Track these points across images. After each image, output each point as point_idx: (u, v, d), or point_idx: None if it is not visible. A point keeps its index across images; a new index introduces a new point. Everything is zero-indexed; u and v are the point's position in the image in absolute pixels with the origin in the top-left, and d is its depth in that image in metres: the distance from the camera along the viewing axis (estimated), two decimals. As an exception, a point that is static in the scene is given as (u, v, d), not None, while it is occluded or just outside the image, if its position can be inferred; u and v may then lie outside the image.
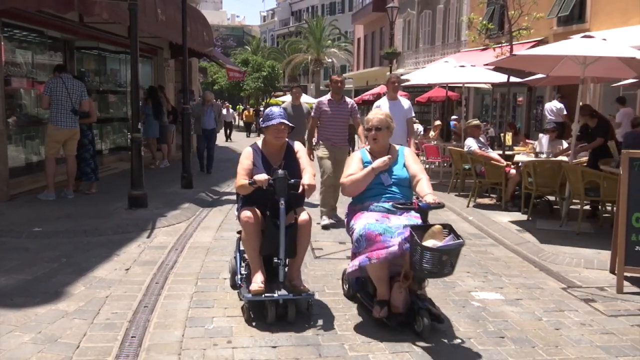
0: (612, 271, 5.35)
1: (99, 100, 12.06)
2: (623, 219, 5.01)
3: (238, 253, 4.62)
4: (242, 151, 4.41)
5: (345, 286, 4.60)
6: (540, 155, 8.88)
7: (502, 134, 11.12)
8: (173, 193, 9.19)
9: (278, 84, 43.71)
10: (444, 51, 24.51)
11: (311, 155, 7.31)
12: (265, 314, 3.98)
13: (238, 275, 4.51)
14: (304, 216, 4.21)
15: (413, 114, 7.96)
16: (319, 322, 4.03)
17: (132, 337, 3.73)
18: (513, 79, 10.56)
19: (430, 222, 3.88)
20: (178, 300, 4.45)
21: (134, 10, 7.56)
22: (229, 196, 9.50)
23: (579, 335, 4.00)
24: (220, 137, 21.42)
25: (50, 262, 5.36)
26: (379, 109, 6.47)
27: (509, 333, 4.00)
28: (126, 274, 5.10)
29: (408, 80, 15.22)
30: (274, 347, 3.64)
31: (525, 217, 7.79)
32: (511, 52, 10.87)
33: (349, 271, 4.09)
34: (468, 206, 8.69)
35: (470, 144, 8.91)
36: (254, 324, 3.97)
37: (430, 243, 3.59)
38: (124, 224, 6.90)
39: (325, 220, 7.21)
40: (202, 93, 13.00)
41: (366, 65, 37.68)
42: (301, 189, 4.10)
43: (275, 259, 4.04)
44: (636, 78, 8.77)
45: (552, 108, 13.17)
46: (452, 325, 4.09)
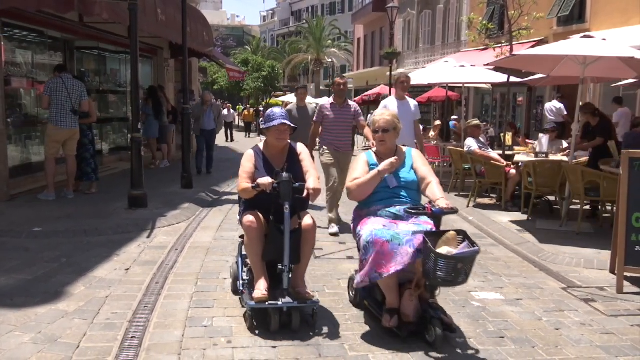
0: (612, 271, 5.35)
1: (99, 100, 12.06)
2: (623, 219, 5.01)
3: (240, 258, 4.49)
4: (244, 153, 4.34)
5: (352, 293, 4.45)
6: (540, 155, 8.88)
7: (502, 134, 11.12)
8: (173, 193, 9.20)
9: (278, 84, 43.75)
10: (444, 51, 24.52)
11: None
12: (268, 322, 3.85)
13: (240, 281, 4.35)
14: (308, 221, 4.07)
15: (420, 116, 7.73)
16: (319, 322, 4.02)
17: (132, 337, 3.73)
18: (513, 79, 10.57)
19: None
20: (178, 300, 4.45)
21: (134, 10, 7.56)
22: (229, 196, 9.50)
23: (579, 335, 4.00)
24: (220, 137, 21.47)
25: (50, 262, 5.36)
26: (385, 109, 6.26)
27: (509, 333, 4.00)
28: (126, 274, 5.10)
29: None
30: (274, 347, 3.64)
31: (525, 217, 7.79)
32: (511, 52, 10.87)
33: (357, 284, 3.90)
34: (468, 206, 8.69)
35: (470, 144, 8.91)
36: (255, 325, 3.92)
37: (444, 250, 3.46)
38: (124, 224, 6.90)
39: (334, 228, 6.99)
40: (202, 93, 12.94)
41: (366, 65, 37.72)
42: (306, 193, 3.98)
43: (279, 265, 3.91)
44: (636, 78, 8.78)
45: (552, 108, 13.19)
46: (452, 326, 4.09)
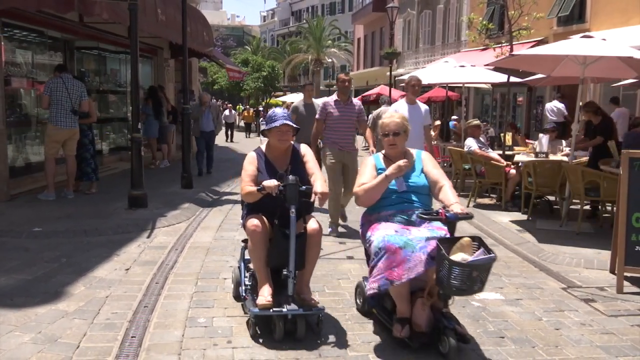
0: (612, 271, 5.35)
1: (99, 100, 12.06)
2: (623, 219, 5.01)
3: (242, 262, 4.37)
4: (244, 154, 4.30)
5: (359, 301, 4.29)
6: (540, 155, 8.89)
7: (502, 134, 11.12)
8: (173, 193, 9.20)
9: (278, 84, 43.73)
10: (444, 51, 24.53)
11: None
12: (272, 330, 3.73)
13: (242, 287, 4.22)
14: (313, 225, 3.93)
15: (430, 121, 7.40)
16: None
17: (132, 337, 3.73)
18: (513, 79, 10.57)
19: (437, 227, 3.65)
20: (178, 300, 4.45)
21: (134, 10, 7.56)
22: (229, 196, 9.51)
23: (579, 335, 4.00)
24: (221, 137, 21.43)
25: (50, 262, 5.36)
26: (395, 112, 6.11)
27: (509, 333, 4.00)
28: (126, 274, 5.10)
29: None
30: (274, 348, 3.64)
31: (525, 217, 7.79)
32: (511, 52, 10.87)
33: (368, 293, 3.71)
34: (468, 206, 8.68)
35: (470, 144, 8.91)
36: (258, 333, 3.81)
37: (459, 257, 3.31)
38: (124, 224, 6.90)
39: (332, 232, 6.84)
40: (199, 94, 12.90)
41: (366, 65, 37.73)
42: (313, 196, 3.84)
43: (283, 271, 3.78)
44: (636, 78, 8.77)
45: (553, 108, 13.19)
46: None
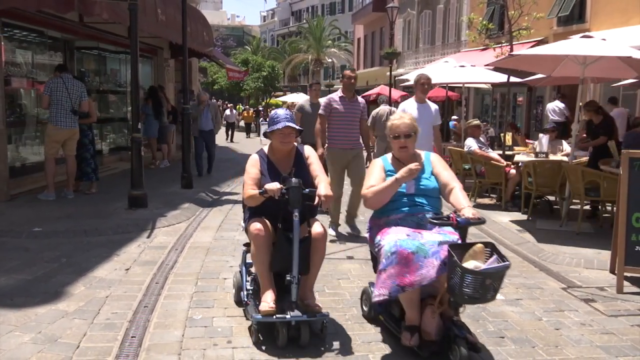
0: (612, 271, 5.35)
1: (99, 100, 12.06)
2: (623, 219, 5.01)
3: (244, 267, 4.29)
4: (244, 154, 4.28)
5: (365, 307, 4.17)
6: (540, 155, 8.89)
7: (502, 134, 11.12)
8: (173, 193, 9.20)
9: (278, 84, 43.73)
10: (444, 51, 24.53)
11: (323, 158, 6.47)
12: (275, 337, 3.63)
13: (244, 292, 4.11)
14: (318, 229, 3.84)
15: (440, 121, 7.19)
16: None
17: (132, 337, 3.73)
18: (513, 79, 10.56)
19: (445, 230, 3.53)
20: (178, 300, 4.45)
21: (134, 10, 7.56)
22: (229, 196, 9.51)
23: (579, 335, 4.00)
24: (221, 137, 21.40)
25: (50, 262, 5.36)
26: (403, 112, 5.74)
27: (509, 333, 4.00)
28: (126, 274, 5.10)
29: (408, 80, 15.23)
30: (274, 347, 3.63)
31: (525, 217, 7.79)
32: (511, 52, 10.87)
33: (376, 300, 3.54)
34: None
35: (470, 144, 8.91)
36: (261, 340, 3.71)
37: (471, 265, 3.19)
38: (124, 224, 6.90)
39: (332, 233, 6.71)
40: (197, 93, 12.86)
41: (366, 65, 37.70)
42: (317, 200, 3.75)
43: (287, 277, 3.68)
44: (636, 78, 8.77)
45: (555, 108, 13.16)
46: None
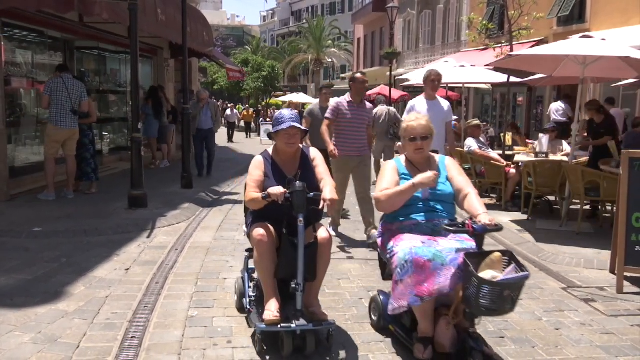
0: (612, 271, 5.35)
1: (99, 100, 12.06)
2: (623, 219, 5.01)
3: (246, 273, 4.16)
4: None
5: (374, 316, 3.98)
6: (540, 155, 8.89)
7: (502, 134, 11.11)
8: (173, 193, 9.19)
9: (278, 84, 43.75)
10: (444, 51, 24.53)
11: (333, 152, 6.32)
12: (280, 346, 3.49)
13: (246, 299, 3.99)
14: (323, 234, 3.70)
15: (453, 117, 6.89)
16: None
17: (132, 337, 3.73)
18: (513, 79, 10.57)
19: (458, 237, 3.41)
20: (178, 300, 4.45)
21: (134, 10, 7.56)
22: (229, 196, 9.51)
23: (579, 335, 4.00)
24: (222, 137, 21.33)
25: (50, 262, 5.36)
26: (416, 112, 5.57)
27: (509, 333, 4.00)
28: (126, 274, 5.10)
29: (409, 80, 15.26)
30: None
31: (525, 217, 7.79)
32: (511, 52, 10.86)
33: (393, 309, 3.39)
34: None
35: (470, 144, 8.92)
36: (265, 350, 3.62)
37: (488, 275, 3.03)
38: (124, 224, 6.90)
39: (332, 233, 6.31)
40: (197, 91, 12.85)
41: (366, 65, 37.70)
42: (322, 204, 3.61)
43: (292, 284, 3.52)
44: (636, 78, 8.77)
45: (558, 108, 13.12)
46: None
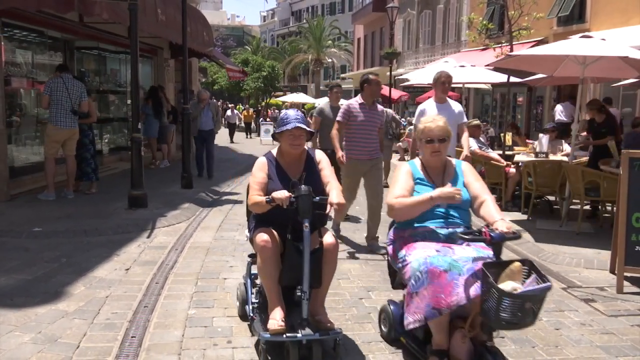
0: (612, 271, 5.35)
1: (99, 100, 12.05)
2: (623, 219, 5.01)
3: (249, 279, 4.03)
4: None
5: (384, 327, 3.80)
6: (540, 155, 8.89)
7: (502, 134, 11.11)
8: (173, 193, 9.19)
9: (278, 84, 43.75)
10: (444, 51, 24.54)
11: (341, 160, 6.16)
12: (285, 356, 3.35)
13: (249, 306, 3.85)
14: (329, 239, 3.55)
15: (466, 119, 6.71)
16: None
17: (132, 337, 3.73)
18: (513, 79, 10.56)
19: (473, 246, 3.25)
20: (178, 300, 4.45)
21: (134, 10, 7.56)
22: (229, 196, 9.51)
23: (579, 335, 4.00)
24: (223, 138, 21.31)
25: (50, 262, 5.36)
26: (429, 114, 5.37)
27: (509, 333, 3.97)
28: (126, 274, 5.10)
29: (408, 80, 15.27)
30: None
31: (525, 217, 7.79)
32: (510, 52, 10.86)
33: (409, 324, 3.23)
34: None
35: (470, 144, 8.90)
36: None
37: (508, 286, 2.86)
38: (124, 224, 6.90)
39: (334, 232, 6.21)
40: (197, 91, 12.86)
41: (366, 65, 37.70)
42: (329, 208, 3.45)
43: (297, 292, 3.38)
44: (637, 78, 8.77)
45: (563, 109, 13.12)
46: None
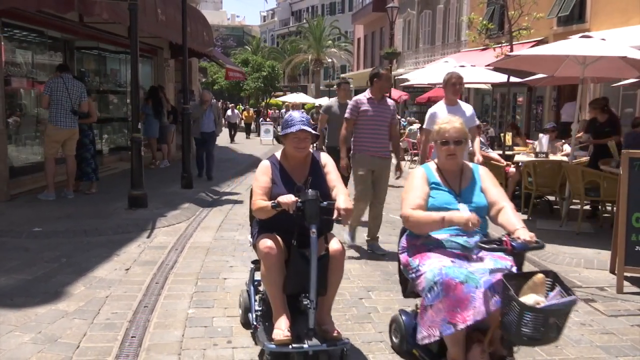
0: (612, 271, 5.35)
1: (99, 100, 12.05)
2: (623, 219, 5.01)
3: (251, 286, 3.91)
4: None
5: (395, 339, 3.64)
6: (540, 155, 8.89)
7: (502, 134, 11.12)
8: (173, 193, 9.19)
9: (278, 84, 43.78)
10: (444, 51, 24.54)
11: (348, 169, 6.12)
12: None
13: (252, 313, 3.72)
14: (336, 245, 3.44)
15: (477, 122, 6.47)
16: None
17: (132, 337, 3.73)
18: (513, 79, 10.57)
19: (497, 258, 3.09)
20: (178, 300, 4.45)
21: (134, 10, 7.56)
22: (229, 196, 9.51)
23: (579, 335, 4.00)
24: (224, 138, 21.29)
25: (50, 262, 5.36)
26: (453, 115, 4.92)
27: (509, 333, 3.99)
28: (126, 274, 5.10)
29: (408, 80, 15.27)
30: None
31: (525, 217, 7.78)
32: (510, 52, 10.87)
33: (423, 339, 3.09)
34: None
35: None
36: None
37: (531, 299, 2.70)
38: (124, 224, 6.90)
39: (348, 238, 6.16)
40: (200, 92, 12.86)
41: (366, 65, 37.69)
42: (336, 214, 3.33)
43: (303, 301, 3.24)
44: (637, 78, 8.77)
45: (569, 110, 13.11)
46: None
